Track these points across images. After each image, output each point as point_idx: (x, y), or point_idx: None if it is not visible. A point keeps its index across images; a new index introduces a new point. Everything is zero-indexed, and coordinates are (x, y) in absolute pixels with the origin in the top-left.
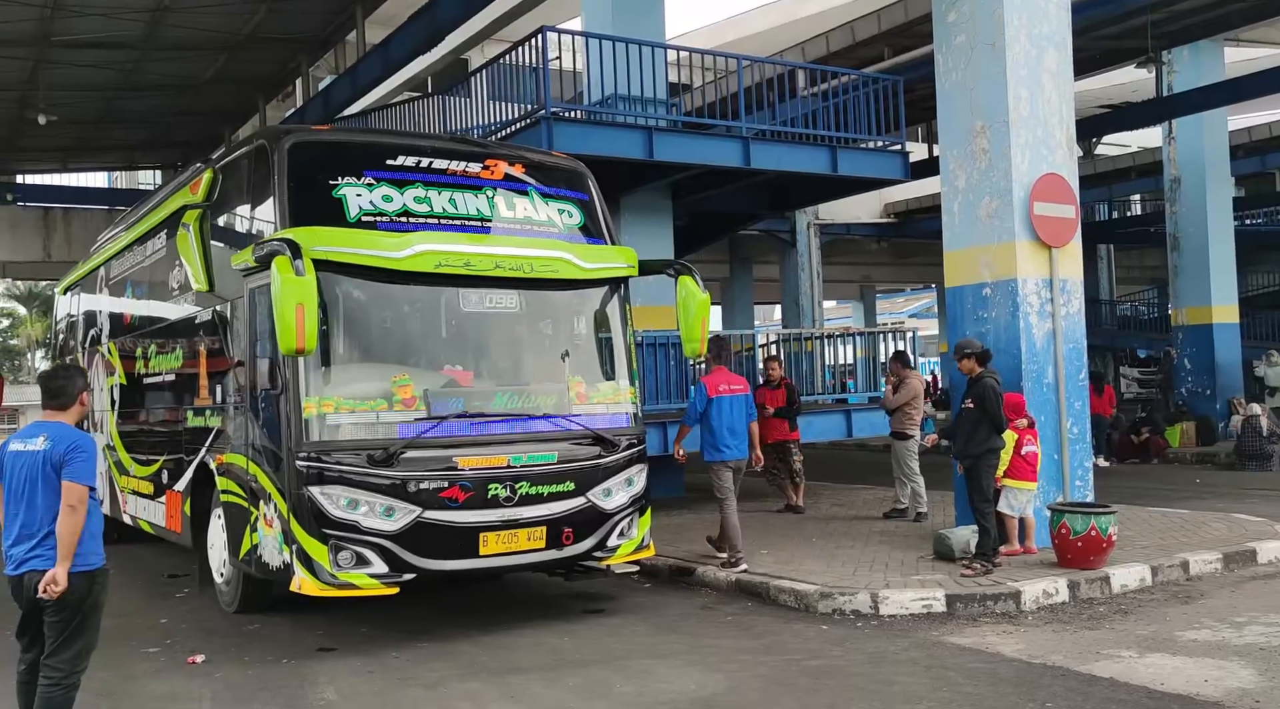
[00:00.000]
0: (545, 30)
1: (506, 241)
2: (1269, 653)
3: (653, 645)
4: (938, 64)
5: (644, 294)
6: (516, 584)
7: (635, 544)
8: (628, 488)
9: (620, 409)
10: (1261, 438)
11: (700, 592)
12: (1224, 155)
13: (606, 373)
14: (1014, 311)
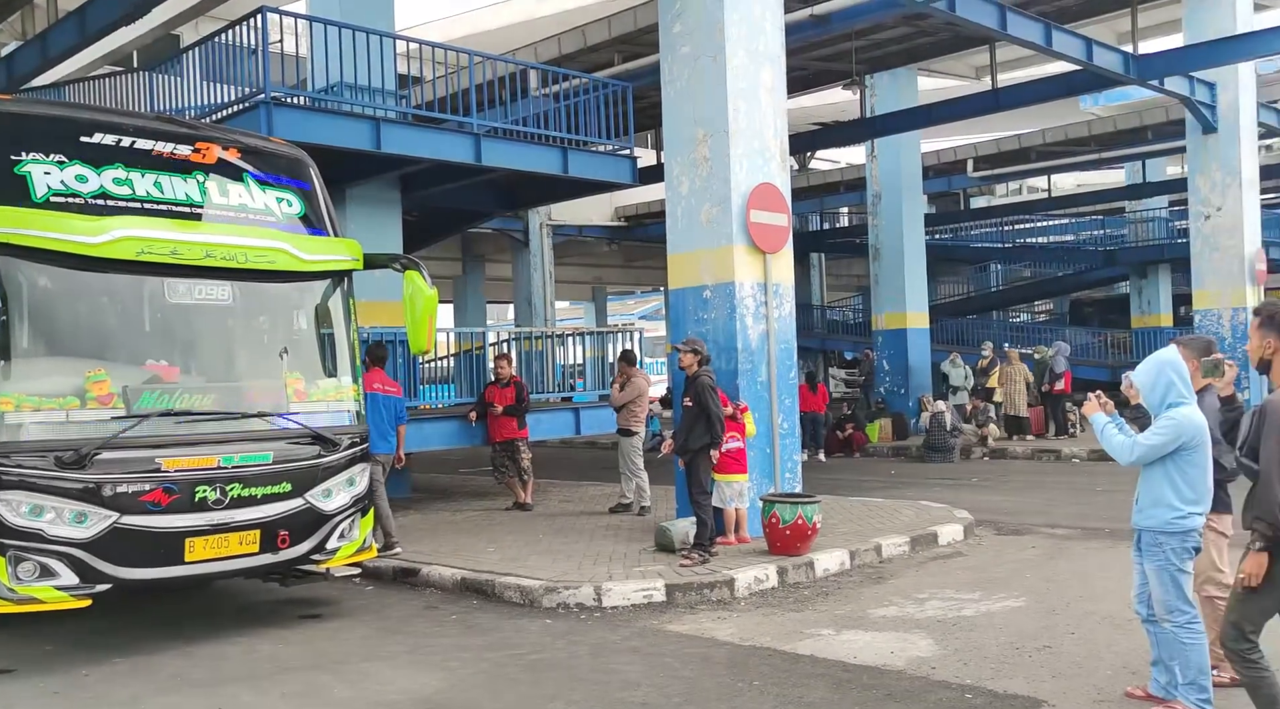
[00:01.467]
0: (266, 10)
1: (219, 229)
2: (944, 624)
3: (373, 648)
4: (663, 72)
5: (371, 289)
6: (230, 592)
7: (356, 546)
8: (349, 488)
9: (341, 407)
10: (945, 432)
11: (425, 592)
12: (917, 175)
13: (327, 370)
14: (731, 313)
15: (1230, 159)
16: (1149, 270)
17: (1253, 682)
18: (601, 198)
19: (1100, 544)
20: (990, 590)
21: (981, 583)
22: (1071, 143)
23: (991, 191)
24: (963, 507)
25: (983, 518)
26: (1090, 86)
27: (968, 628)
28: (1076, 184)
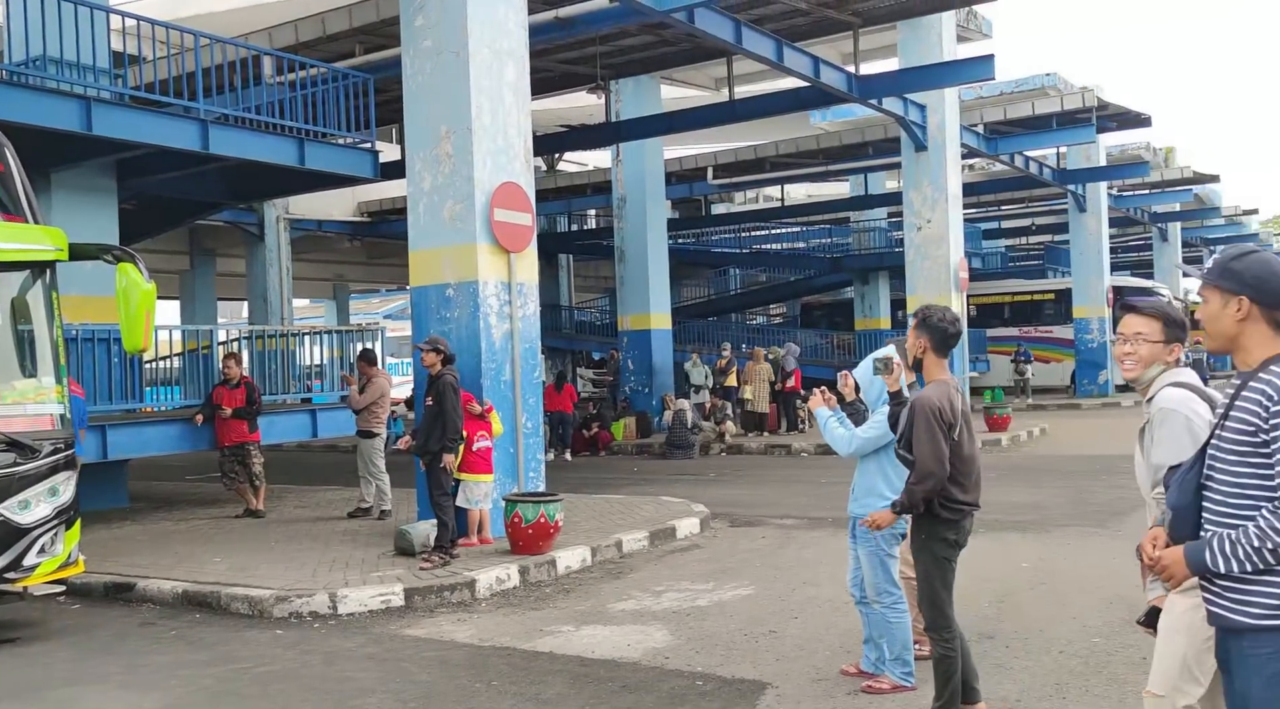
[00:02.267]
0: None
1: None
2: (679, 615)
3: (79, 671)
4: (405, 66)
5: (80, 283)
6: None
7: (60, 561)
8: (51, 499)
9: (42, 410)
10: (686, 430)
11: (142, 608)
12: (660, 180)
13: (25, 369)
14: (475, 312)
15: (938, 176)
16: (870, 276)
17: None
18: (343, 192)
19: (824, 533)
20: (723, 580)
21: (715, 574)
22: (802, 155)
23: (731, 199)
24: (700, 501)
25: (719, 511)
26: (818, 102)
27: (701, 617)
28: (807, 195)
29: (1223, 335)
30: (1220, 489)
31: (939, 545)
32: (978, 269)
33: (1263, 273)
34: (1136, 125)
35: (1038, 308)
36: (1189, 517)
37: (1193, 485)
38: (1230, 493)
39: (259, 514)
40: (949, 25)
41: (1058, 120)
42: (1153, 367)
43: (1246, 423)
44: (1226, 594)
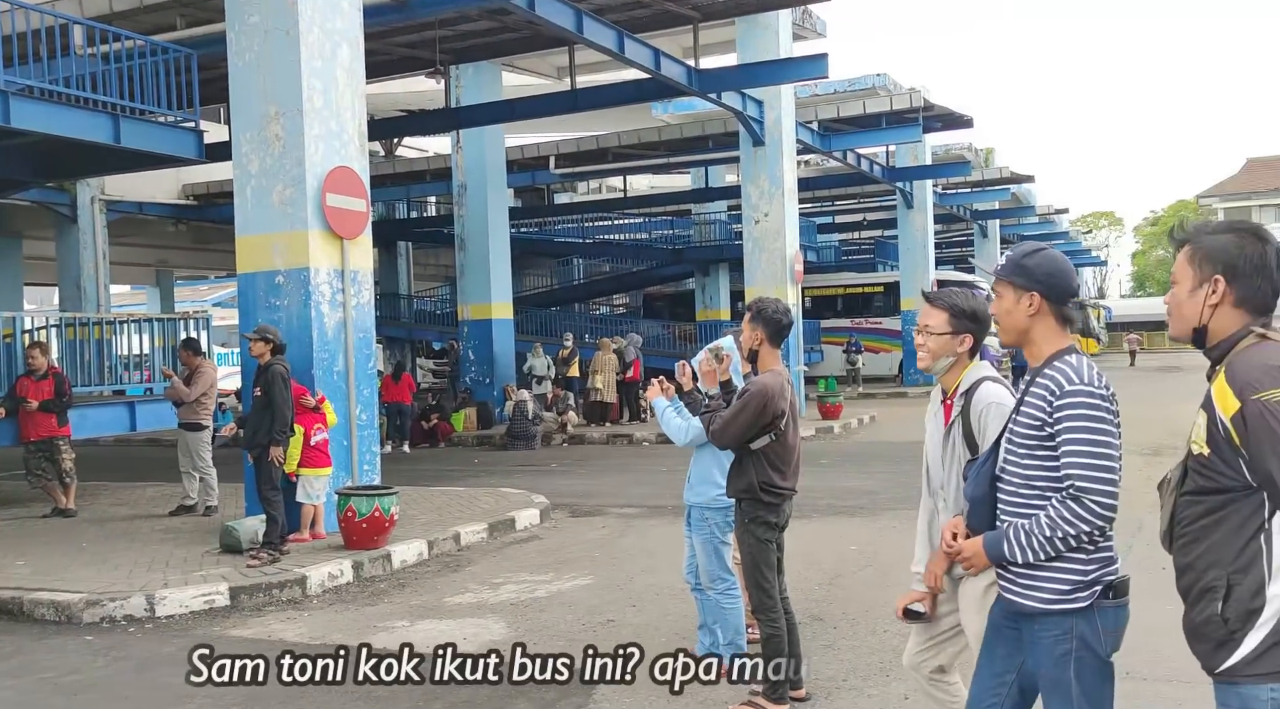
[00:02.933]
0: None
1: None
2: (518, 607)
3: None
4: (230, 42)
5: None
6: None
7: None
8: None
9: None
10: (527, 420)
11: None
12: (502, 168)
13: None
14: (306, 300)
15: (775, 170)
16: (711, 268)
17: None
18: (167, 173)
19: (664, 521)
20: (562, 571)
21: (555, 564)
22: (644, 147)
23: (574, 189)
24: (541, 492)
25: (560, 502)
26: (659, 94)
27: (539, 609)
28: (650, 186)
29: (1015, 330)
30: (1012, 481)
31: (760, 528)
32: (812, 262)
33: (1053, 269)
34: (960, 126)
35: (868, 300)
36: (985, 508)
37: (988, 477)
38: (1021, 485)
39: (69, 513)
40: (785, 23)
41: (887, 119)
42: (942, 358)
43: (1034, 417)
44: (1019, 581)
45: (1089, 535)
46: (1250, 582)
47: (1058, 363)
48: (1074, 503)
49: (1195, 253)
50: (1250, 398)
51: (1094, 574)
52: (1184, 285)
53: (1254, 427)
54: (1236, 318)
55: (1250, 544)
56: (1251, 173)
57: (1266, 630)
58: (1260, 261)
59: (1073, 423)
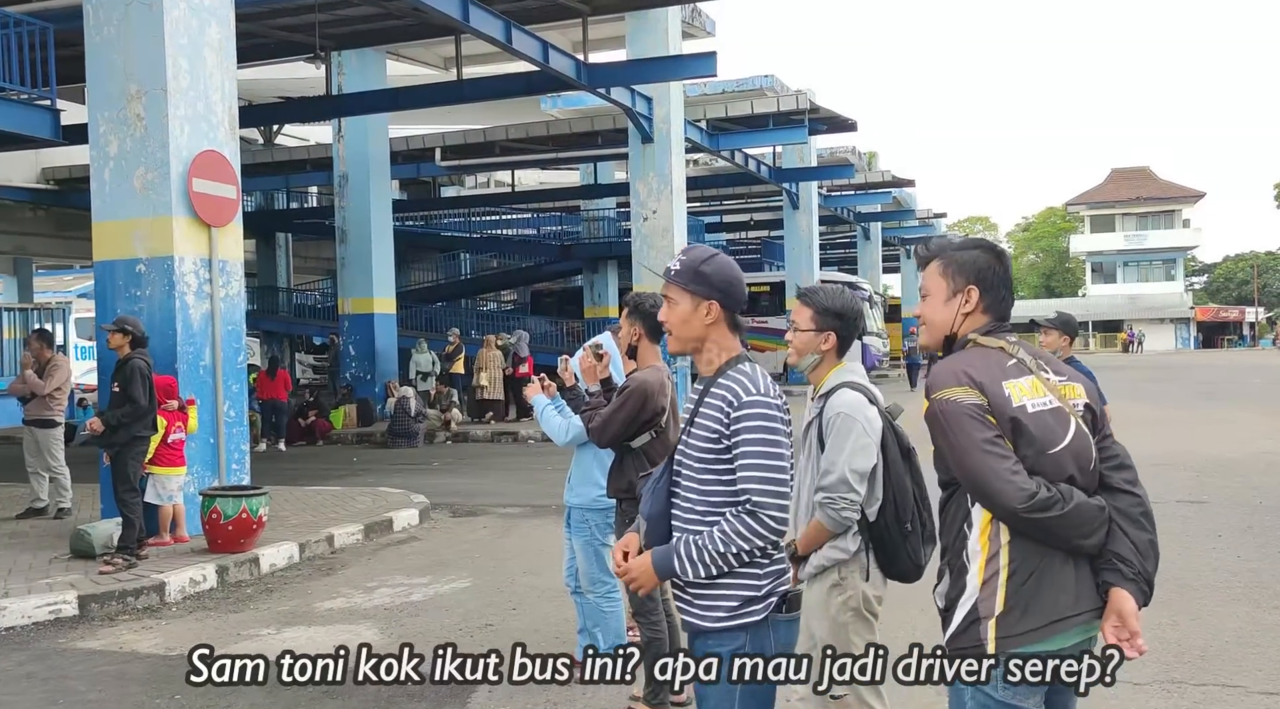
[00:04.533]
0: None
1: None
2: (392, 612)
3: None
4: (87, 16)
5: None
6: None
7: None
8: None
9: None
10: (409, 418)
11: None
12: (385, 158)
13: None
14: (170, 290)
15: (664, 168)
16: (599, 265)
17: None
18: (24, 155)
19: (547, 521)
20: (440, 573)
21: (433, 567)
22: (532, 141)
23: (461, 182)
24: (422, 491)
25: (440, 501)
26: (547, 87)
27: (414, 613)
28: (540, 182)
29: (692, 339)
30: (687, 496)
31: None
32: None
33: (730, 276)
34: (844, 129)
35: (754, 299)
36: (662, 524)
37: (664, 493)
38: (697, 500)
39: None
40: (675, 20)
41: (774, 120)
42: (808, 355)
43: (710, 429)
44: (697, 601)
45: (761, 550)
46: (959, 565)
47: (732, 373)
48: (749, 517)
49: (947, 266)
50: (931, 397)
51: (767, 588)
52: (937, 297)
53: (932, 424)
54: (981, 325)
55: (961, 532)
56: (1115, 183)
57: (966, 609)
58: (1004, 274)
59: (750, 435)
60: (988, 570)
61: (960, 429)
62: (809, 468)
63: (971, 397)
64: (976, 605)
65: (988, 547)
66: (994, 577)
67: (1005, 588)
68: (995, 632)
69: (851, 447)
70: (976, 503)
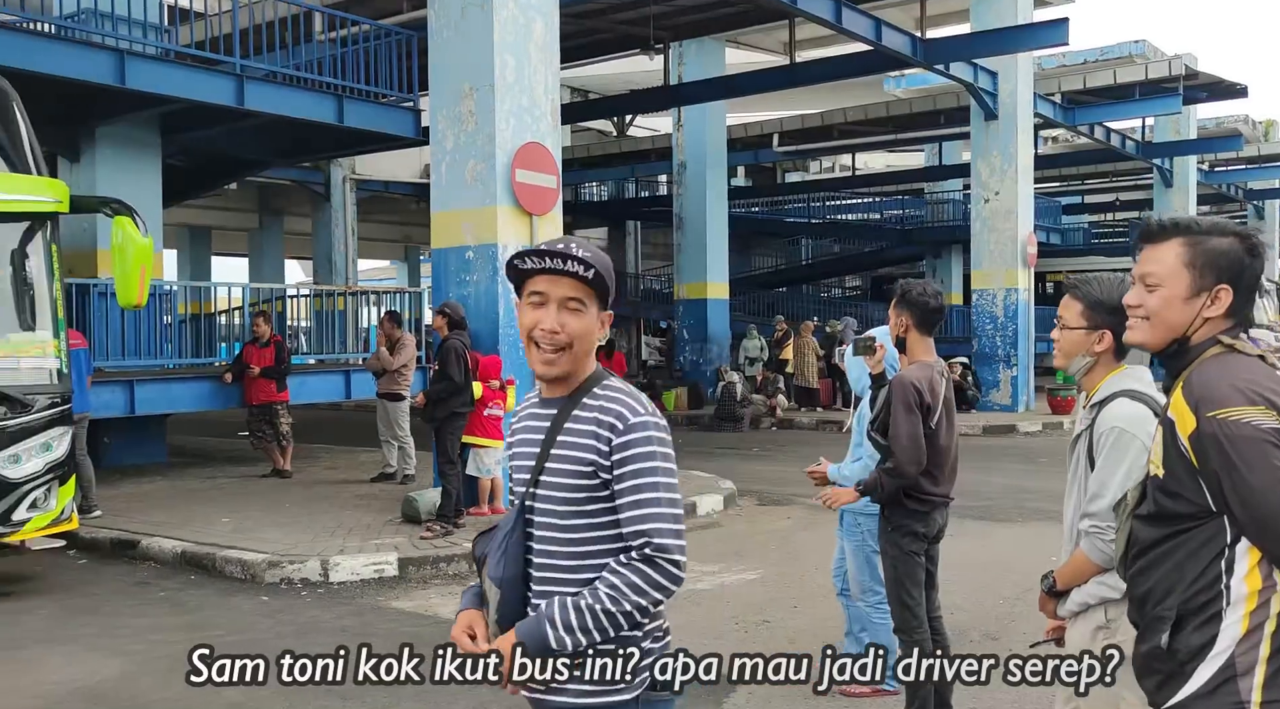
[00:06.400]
0: None
1: None
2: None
3: (54, 631)
4: (430, 21)
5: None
6: None
7: (52, 516)
8: (44, 453)
9: (37, 364)
10: (735, 402)
11: (142, 566)
12: (723, 146)
13: (22, 322)
14: (494, 275)
15: (1008, 146)
16: (943, 250)
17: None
18: (410, 152)
19: None
20: (732, 562)
21: (726, 555)
22: (871, 123)
23: (806, 167)
24: (735, 476)
25: (751, 488)
26: (882, 67)
27: (695, 602)
28: (886, 164)
29: (587, 353)
30: (547, 548)
31: (906, 539)
32: (1055, 245)
33: (606, 263)
34: (1230, 96)
35: None
36: (518, 591)
37: (519, 549)
38: (566, 554)
39: (285, 474)
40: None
41: (1141, 90)
42: (1077, 358)
43: (583, 461)
44: (574, 681)
45: (657, 605)
46: (1203, 612)
47: (600, 389)
48: (647, 565)
49: (1194, 257)
50: (1206, 415)
51: (652, 654)
52: (1173, 289)
53: (1210, 448)
54: (1223, 329)
55: (1206, 572)
56: None
57: (1219, 664)
58: (1258, 274)
59: (644, 464)
60: (1254, 619)
61: (1259, 458)
62: (1074, 489)
63: (1270, 419)
64: (1233, 660)
65: (1256, 591)
66: (1260, 626)
67: (1272, 640)
68: (1262, 693)
69: (1128, 468)
70: (1239, 541)
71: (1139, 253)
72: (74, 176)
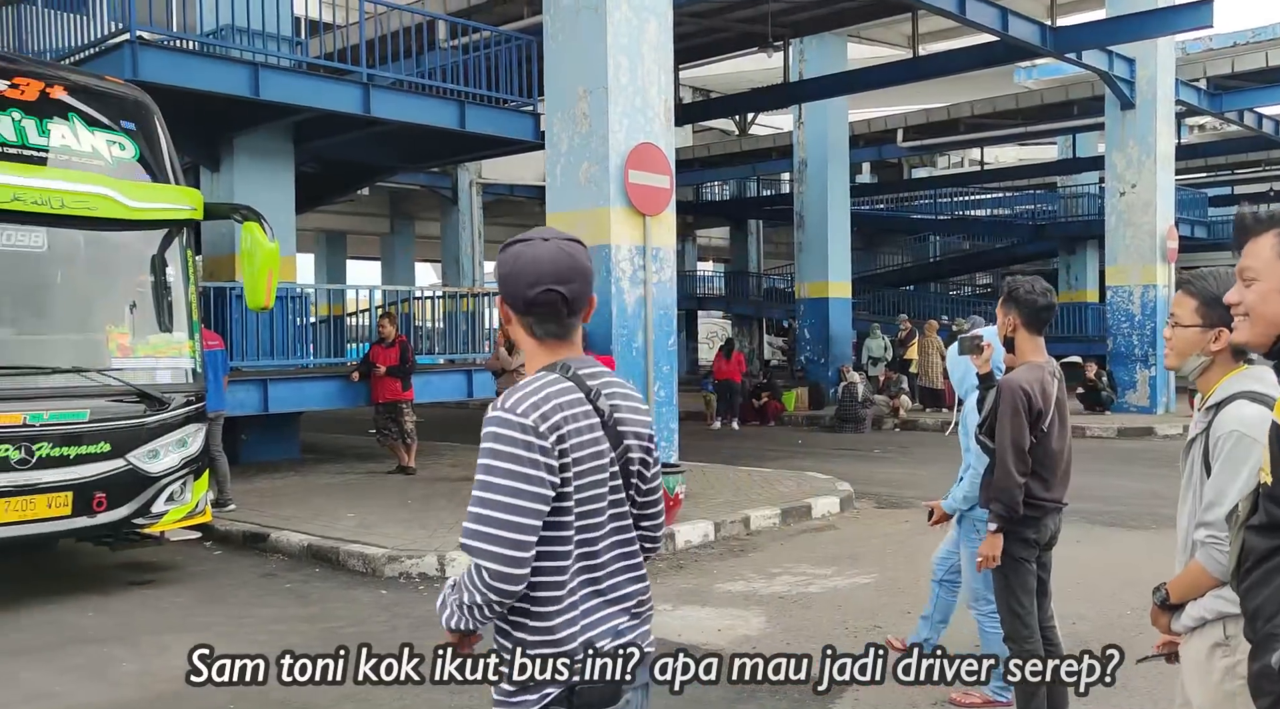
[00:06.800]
0: None
1: (33, 172)
2: (785, 601)
3: (188, 619)
4: (545, 25)
5: None
6: (67, 554)
7: (188, 509)
8: (180, 449)
9: (173, 364)
10: (856, 403)
11: (270, 559)
12: (844, 142)
13: (159, 324)
14: (607, 276)
15: (1146, 135)
16: (1077, 246)
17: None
18: (534, 156)
19: None
20: (846, 566)
21: (841, 558)
22: (999, 115)
23: (933, 162)
24: (853, 478)
25: (869, 490)
26: (1009, 57)
27: (806, 605)
28: (1018, 158)
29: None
30: None
31: (1016, 545)
32: (1201, 239)
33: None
34: None
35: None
36: None
37: None
38: None
39: (410, 471)
40: None
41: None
42: (1191, 357)
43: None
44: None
45: (481, 605)
46: None
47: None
48: (472, 566)
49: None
50: None
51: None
52: (1272, 281)
53: None
54: None
55: None
56: None
57: None
58: None
59: (479, 461)
60: None
61: None
62: (1189, 496)
63: None
64: None
65: None
66: None
67: None
68: None
69: (1247, 475)
70: None
71: (1239, 248)
72: (214, 185)
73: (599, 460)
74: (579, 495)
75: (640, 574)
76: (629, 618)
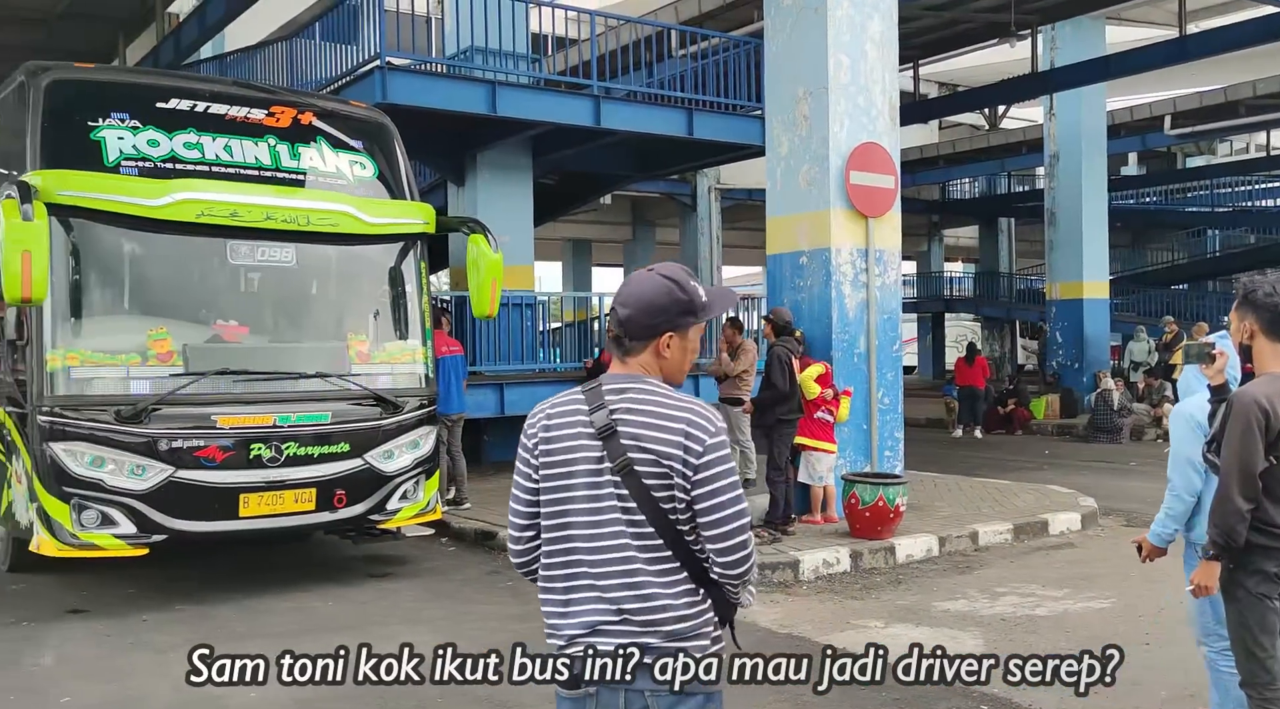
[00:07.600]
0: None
1: (284, 192)
2: (1007, 623)
3: (416, 612)
4: (766, 27)
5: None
6: (318, 546)
7: (419, 507)
8: (413, 450)
9: (407, 369)
10: (1112, 411)
11: (498, 556)
12: (1101, 133)
13: (395, 332)
14: (827, 280)
15: None
16: None
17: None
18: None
19: None
20: (1080, 588)
21: (1075, 579)
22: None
23: (1212, 151)
24: (1103, 493)
25: (1116, 507)
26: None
27: (1030, 629)
28: None
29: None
30: None
31: (1253, 579)
32: None
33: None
34: None
35: None
36: None
37: None
38: None
39: None
40: None
41: None
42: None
43: None
44: None
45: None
46: None
47: None
48: None
49: None
50: None
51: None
52: None
53: None
54: None
55: None
56: None
57: None
58: None
59: None
60: None
61: None
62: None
63: None
64: None
65: None
66: None
67: None
68: None
69: None
70: None
71: None
72: (459, 199)
73: (572, 466)
74: (546, 488)
75: (636, 580)
76: (615, 617)
